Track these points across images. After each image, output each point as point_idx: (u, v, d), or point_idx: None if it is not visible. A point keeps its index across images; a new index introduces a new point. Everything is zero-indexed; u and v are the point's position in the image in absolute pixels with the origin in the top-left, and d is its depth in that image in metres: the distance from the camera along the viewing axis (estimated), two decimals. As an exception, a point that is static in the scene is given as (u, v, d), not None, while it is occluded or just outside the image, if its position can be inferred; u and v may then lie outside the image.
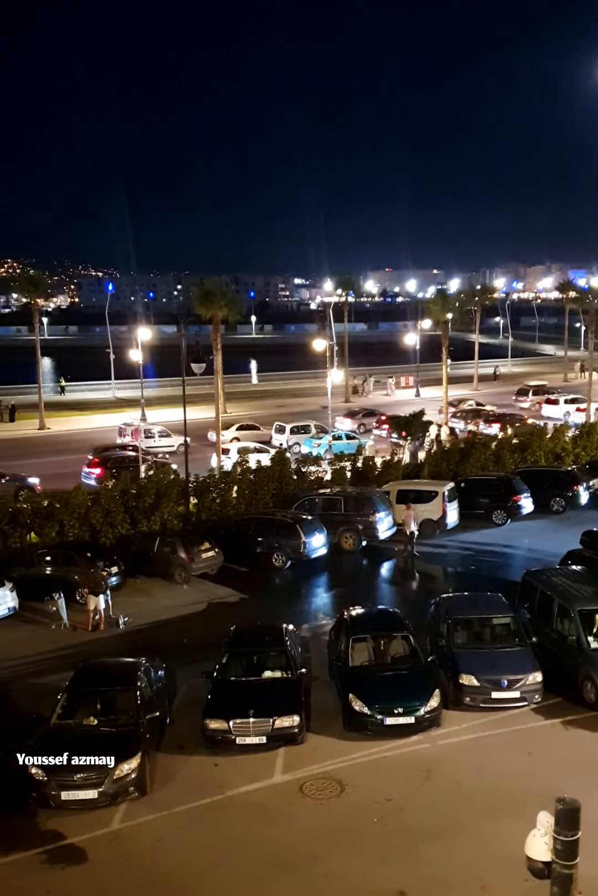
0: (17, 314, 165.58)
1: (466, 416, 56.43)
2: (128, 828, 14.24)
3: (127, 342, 71.41)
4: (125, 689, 16.47)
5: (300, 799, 14.91)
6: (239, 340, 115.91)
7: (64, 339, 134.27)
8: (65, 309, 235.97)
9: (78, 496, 28.94)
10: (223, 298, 46.02)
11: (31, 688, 19.39)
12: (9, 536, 27.23)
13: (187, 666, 19.95)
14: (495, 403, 62.44)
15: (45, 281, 71.29)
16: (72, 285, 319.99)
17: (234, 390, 68.66)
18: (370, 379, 77.14)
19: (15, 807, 14.50)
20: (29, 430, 56.76)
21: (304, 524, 28.85)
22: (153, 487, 30.24)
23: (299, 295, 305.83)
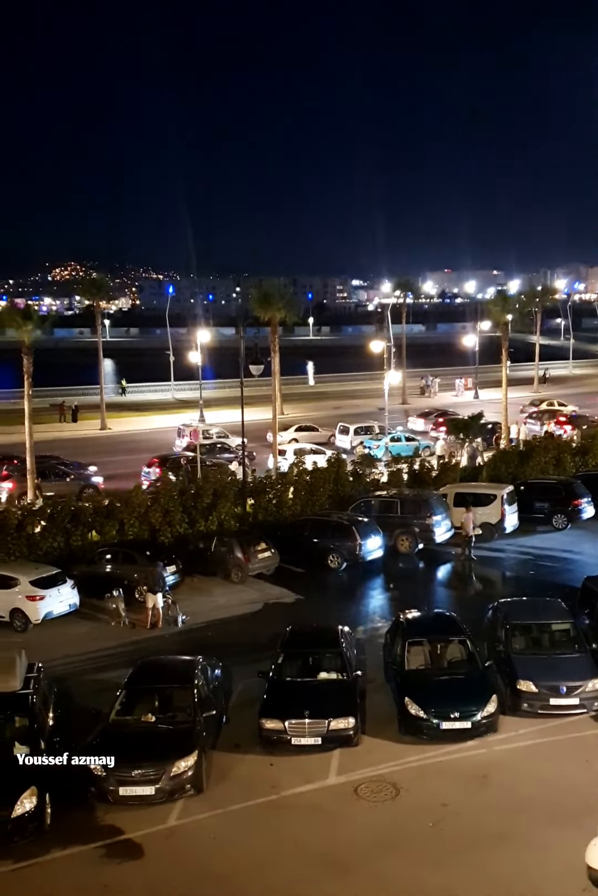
0: (79, 316, 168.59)
1: (541, 417, 55.64)
2: (184, 825, 14.41)
3: (186, 344, 72.17)
4: (183, 687, 16.67)
5: (355, 801, 14.91)
6: (296, 342, 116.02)
7: (125, 341, 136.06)
8: (126, 311, 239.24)
9: (138, 495, 29.39)
10: (282, 300, 46.19)
11: (91, 684, 19.72)
12: (71, 534, 27.78)
13: (243, 665, 20.08)
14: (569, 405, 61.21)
15: (107, 284, 72.34)
16: (133, 288, 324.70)
17: (291, 392, 68.86)
18: (435, 380, 76.72)
19: (75, 801, 14.76)
20: (91, 431, 57.72)
21: (360, 526, 28.79)
22: (211, 488, 30.53)
23: (356, 296, 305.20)
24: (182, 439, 48.76)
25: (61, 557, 26.92)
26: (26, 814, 13.69)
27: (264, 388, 50.81)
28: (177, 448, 48.03)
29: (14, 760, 14.44)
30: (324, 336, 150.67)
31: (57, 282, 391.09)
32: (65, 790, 14.73)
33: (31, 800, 13.77)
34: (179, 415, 61.85)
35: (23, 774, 14.15)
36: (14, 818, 13.58)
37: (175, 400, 72.40)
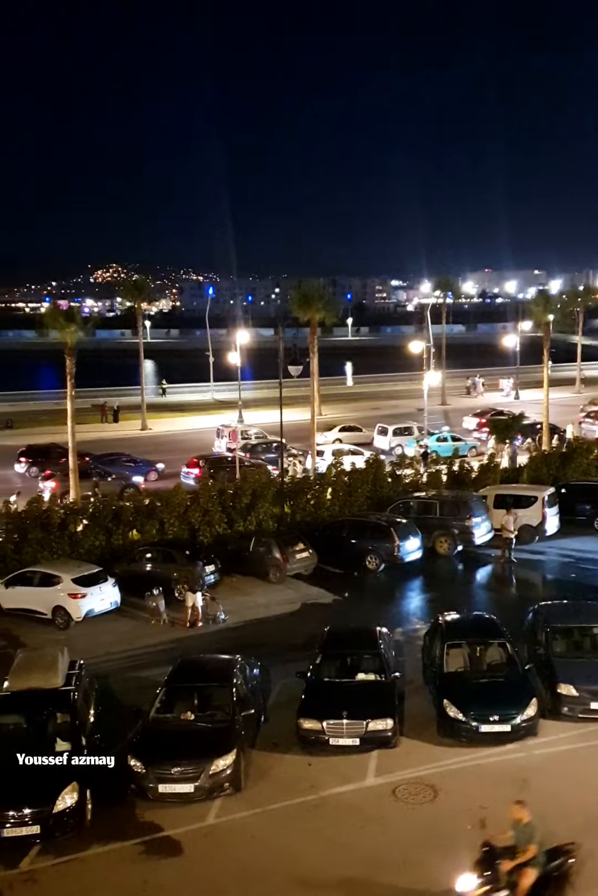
0: (121, 318, 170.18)
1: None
2: (222, 823, 14.49)
3: (226, 345, 72.52)
4: (222, 686, 16.77)
5: (393, 802, 14.88)
6: (335, 343, 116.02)
7: (165, 343, 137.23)
8: (166, 313, 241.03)
9: (178, 495, 29.63)
10: (321, 301, 46.12)
11: (131, 681, 19.93)
12: (112, 533, 28.11)
13: (281, 665, 20.14)
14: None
15: (148, 285, 72.88)
16: (174, 290, 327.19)
17: (329, 392, 68.79)
18: (481, 380, 76.22)
19: (115, 797, 14.92)
20: (132, 431, 58.22)
21: (398, 527, 28.70)
22: (250, 488, 30.66)
23: (396, 297, 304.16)
24: (221, 440, 48.97)
25: (103, 556, 27.27)
26: (67, 809, 13.88)
27: (303, 388, 50.78)
28: (216, 448, 48.27)
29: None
30: (363, 337, 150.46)
31: (99, 284, 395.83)
32: (105, 786, 14.91)
33: (72, 795, 13.96)
34: (218, 415, 62.15)
35: (64, 770, 14.34)
36: (55, 813, 13.78)
37: (214, 401, 72.75)
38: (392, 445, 48.01)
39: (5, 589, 24.68)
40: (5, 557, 26.49)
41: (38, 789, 14.04)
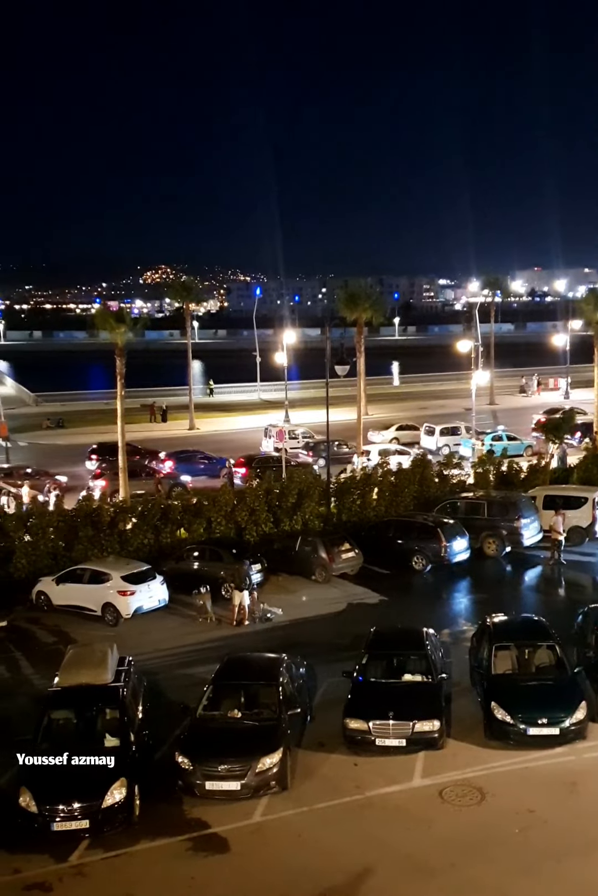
0: (169, 319, 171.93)
1: None
2: (269, 821, 14.53)
3: (272, 345, 72.75)
4: (268, 685, 16.81)
5: (440, 804, 14.79)
6: (381, 342, 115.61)
7: (213, 343, 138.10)
8: (214, 314, 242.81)
9: (225, 494, 29.82)
10: (368, 300, 46.15)
11: (179, 678, 20.10)
12: (161, 532, 28.40)
13: (327, 664, 20.16)
14: None
15: (196, 286, 73.64)
16: (221, 290, 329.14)
17: (375, 392, 68.59)
18: (534, 379, 75.37)
19: (163, 794, 15.06)
20: (180, 431, 58.75)
21: (445, 528, 28.52)
22: (296, 488, 30.72)
23: (443, 296, 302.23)
24: (269, 439, 49.14)
25: (151, 554, 27.57)
26: (116, 804, 14.05)
27: (349, 388, 50.79)
28: (264, 448, 48.44)
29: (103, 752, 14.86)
30: (410, 336, 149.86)
31: (148, 285, 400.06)
32: (153, 782, 15.07)
33: (120, 791, 14.12)
34: (264, 415, 62.42)
35: (113, 765, 14.50)
36: (104, 808, 13.96)
37: (261, 400, 73.05)
38: (439, 445, 47.70)
39: (56, 586, 25.08)
40: (57, 555, 26.94)
41: (87, 784, 14.24)
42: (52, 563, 26.58)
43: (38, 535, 26.87)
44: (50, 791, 14.09)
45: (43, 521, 27.27)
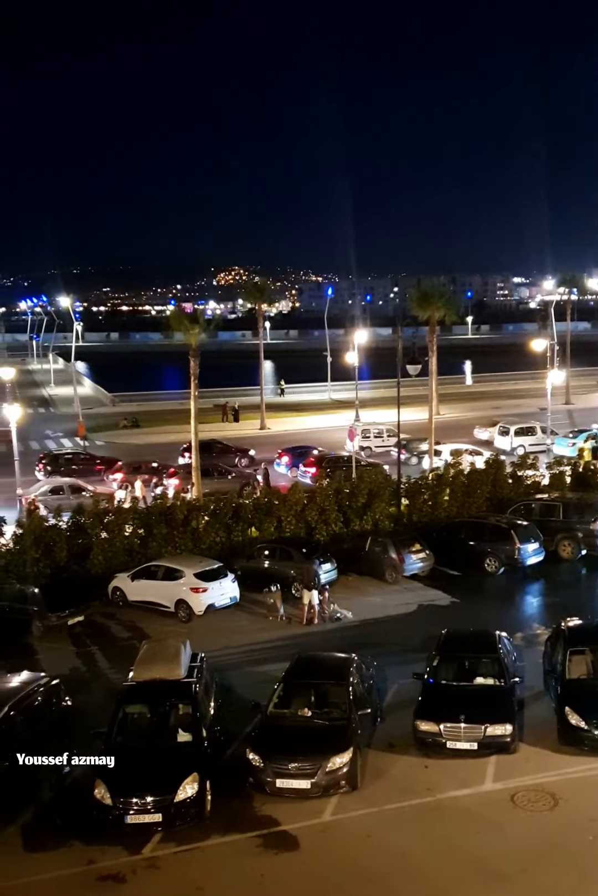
0: (242, 320, 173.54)
1: None
2: (339, 820, 14.56)
3: (343, 345, 72.68)
4: (338, 684, 16.83)
5: (511, 809, 14.61)
6: (454, 341, 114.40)
7: (284, 343, 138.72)
8: (286, 314, 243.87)
9: (295, 494, 29.96)
10: (441, 299, 45.62)
11: (249, 675, 20.29)
12: (232, 530, 28.70)
13: (397, 665, 20.09)
14: None
15: (269, 287, 73.98)
16: (293, 291, 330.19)
17: (447, 392, 67.91)
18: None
19: (234, 790, 15.22)
20: (251, 430, 59.18)
21: (518, 530, 28.09)
22: (366, 487, 30.67)
23: (517, 294, 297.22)
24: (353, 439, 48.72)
25: (223, 552, 27.88)
26: (188, 799, 14.25)
27: (421, 388, 50.29)
28: (348, 448, 48.02)
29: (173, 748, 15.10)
30: (483, 335, 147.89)
31: (221, 286, 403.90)
32: (224, 778, 15.24)
33: (192, 786, 14.32)
34: (335, 415, 62.46)
35: (186, 760, 14.75)
36: (176, 802, 14.17)
37: (331, 400, 73.07)
38: (514, 445, 46.92)
39: (131, 582, 25.58)
40: (132, 551, 27.48)
41: (160, 778, 14.48)
42: (127, 560, 27.12)
43: (115, 532, 27.46)
44: (124, 784, 14.34)
45: (119, 518, 27.86)
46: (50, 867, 13.43)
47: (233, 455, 45.58)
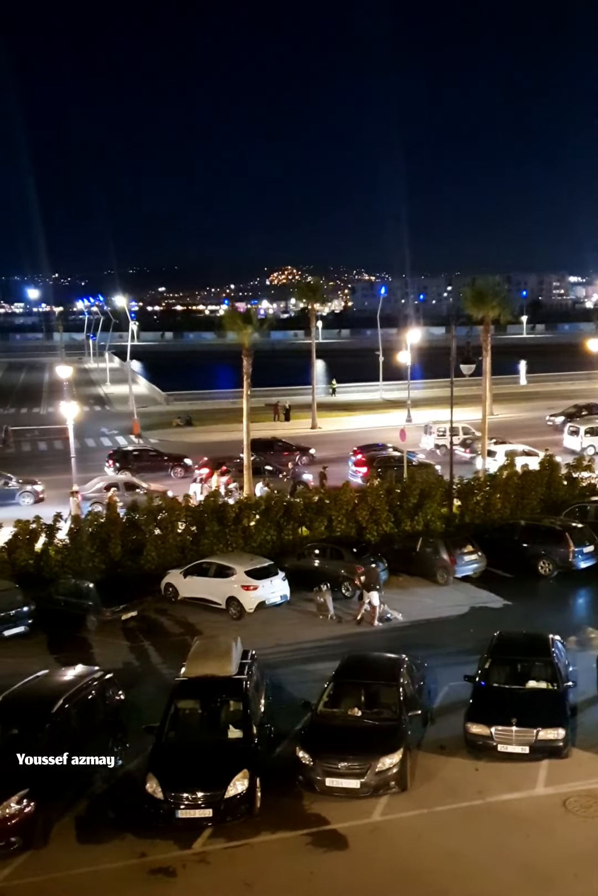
0: (294, 319, 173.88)
1: None
2: (388, 821, 14.54)
3: (396, 344, 72.40)
4: (389, 685, 16.79)
5: (563, 814, 14.43)
6: (507, 341, 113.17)
7: (336, 343, 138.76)
8: (338, 313, 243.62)
9: (346, 493, 29.95)
10: (495, 298, 45.03)
11: (299, 673, 20.34)
12: (283, 529, 28.82)
13: (448, 667, 19.96)
14: None
15: (321, 287, 73.98)
16: (346, 290, 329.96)
17: (501, 392, 67.21)
18: None
19: (283, 788, 15.28)
20: (302, 429, 59.26)
21: (574, 532, 27.64)
22: (418, 488, 30.52)
23: (574, 293, 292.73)
24: (429, 436, 48.47)
25: (273, 550, 28.01)
26: (238, 795, 14.34)
27: (473, 387, 49.81)
28: (422, 446, 47.68)
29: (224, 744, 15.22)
30: (538, 334, 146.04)
31: (274, 286, 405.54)
32: (274, 776, 15.31)
33: (243, 782, 14.42)
34: (386, 414, 62.23)
35: (236, 757, 14.85)
36: (227, 798, 14.27)
37: (383, 400, 72.86)
38: (584, 446, 45.88)
39: (184, 578, 25.85)
40: (184, 548, 27.78)
41: (211, 774, 14.60)
42: (179, 557, 27.43)
43: (168, 528, 27.78)
44: (176, 779, 14.50)
45: (172, 515, 28.18)
46: (103, 859, 13.66)
47: (293, 453, 45.80)
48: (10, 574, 25.60)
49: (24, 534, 26.90)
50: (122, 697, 17.61)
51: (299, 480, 39.54)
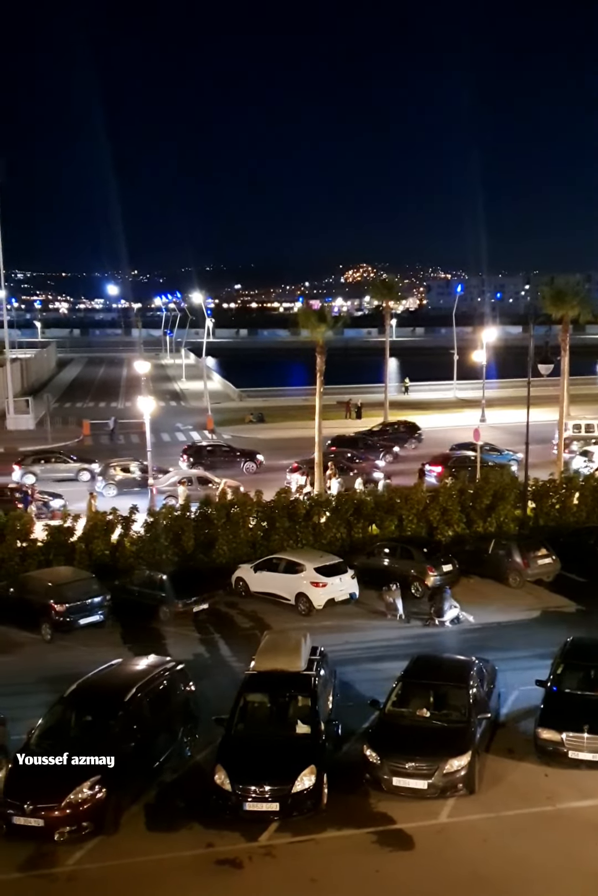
0: (368, 317, 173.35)
1: None
2: (455, 823, 14.45)
3: (471, 343, 71.55)
4: (458, 686, 16.64)
5: (636, 826, 14.09)
6: (587, 341, 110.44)
7: (410, 341, 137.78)
8: (413, 311, 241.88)
9: (417, 492, 29.76)
10: (575, 297, 44.13)
11: (367, 672, 20.33)
12: (353, 527, 28.80)
13: (519, 671, 19.67)
14: None
15: (397, 284, 73.64)
16: (421, 288, 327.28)
17: (578, 393, 65.64)
18: None
19: (350, 785, 15.30)
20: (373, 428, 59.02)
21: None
22: (491, 489, 30.13)
23: None
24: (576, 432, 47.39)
25: (343, 548, 28.03)
26: (305, 790, 14.42)
27: (550, 388, 48.80)
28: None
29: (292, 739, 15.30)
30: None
31: (349, 283, 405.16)
32: (341, 773, 15.33)
33: (310, 777, 14.48)
34: (459, 414, 61.53)
35: (304, 752, 14.94)
36: (294, 793, 14.35)
37: (457, 399, 72.09)
38: None
39: (254, 573, 26.06)
40: (255, 543, 28.02)
41: (278, 768, 14.71)
42: (250, 552, 27.68)
43: (239, 523, 28.06)
44: (244, 771, 14.64)
45: (244, 510, 28.44)
46: (171, 847, 13.89)
47: (379, 451, 45.80)
48: (87, 564, 26.24)
49: (101, 525, 27.52)
50: (192, 688, 17.85)
51: (370, 479, 39.42)
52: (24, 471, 41.60)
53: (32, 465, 42.42)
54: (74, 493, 37.05)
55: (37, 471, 41.88)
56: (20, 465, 42.24)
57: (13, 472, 41.50)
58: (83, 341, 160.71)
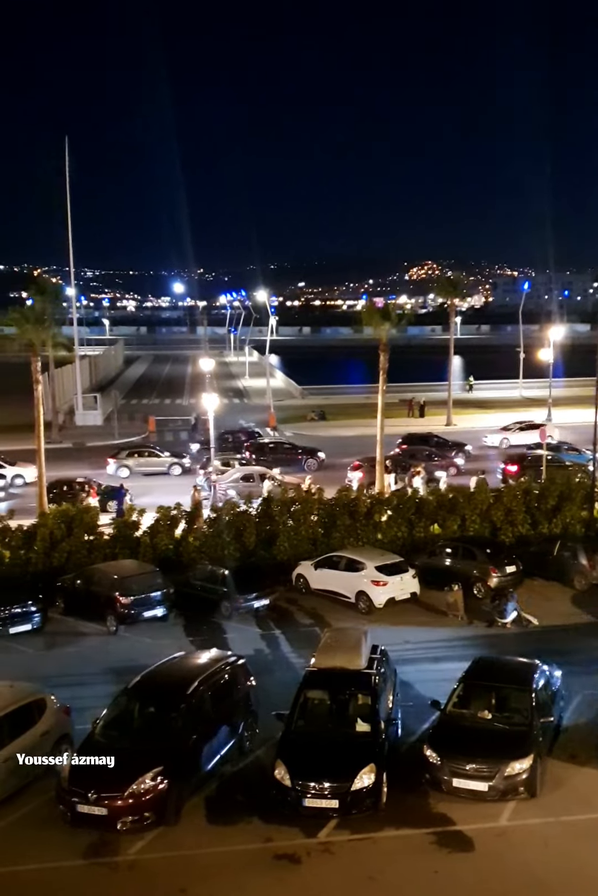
0: (431, 314, 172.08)
1: None
2: (515, 826, 14.29)
3: (537, 341, 70.45)
4: (520, 689, 16.47)
5: None
6: None
7: (475, 339, 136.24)
8: (478, 309, 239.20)
9: (481, 492, 29.44)
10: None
11: (427, 672, 20.23)
12: (414, 525, 28.64)
13: (583, 676, 19.39)
14: None
15: (462, 282, 73.03)
16: (486, 285, 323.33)
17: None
18: None
19: (409, 785, 15.25)
20: (436, 426, 58.34)
21: None
22: (557, 489, 29.64)
23: None
24: None
25: (404, 547, 27.88)
26: (364, 789, 14.42)
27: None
28: None
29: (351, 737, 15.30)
30: None
31: (413, 281, 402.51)
32: (401, 773, 15.29)
33: (369, 776, 14.48)
34: (524, 413, 60.60)
35: (363, 750, 14.93)
36: (353, 791, 14.37)
37: (522, 398, 71.05)
38: None
39: (314, 570, 26.13)
40: (316, 541, 28.09)
41: (338, 765, 14.73)
42: (311, 549, 27.74)
43: (300, 520, 28.16)
44: (303, 767, 14.71)
45: (305, 507, 28.54)
46: (230, 841, 14.02)
47: (448, 450, 45.60)
48: (152, 558, 26.66)
49: (166, 519, 27.92)
50: (253, 683, 17.99)
51: (431, 477, 39.12)
52: (118, 464, 42.49)
53: (126, 458, 43.31)
54: (166, 487, 37.71)
55: (130, 464, 42.76)
56: (115, 458, 43.13)
57: (108, 466, 42.51)
58: (149, 339, 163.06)
